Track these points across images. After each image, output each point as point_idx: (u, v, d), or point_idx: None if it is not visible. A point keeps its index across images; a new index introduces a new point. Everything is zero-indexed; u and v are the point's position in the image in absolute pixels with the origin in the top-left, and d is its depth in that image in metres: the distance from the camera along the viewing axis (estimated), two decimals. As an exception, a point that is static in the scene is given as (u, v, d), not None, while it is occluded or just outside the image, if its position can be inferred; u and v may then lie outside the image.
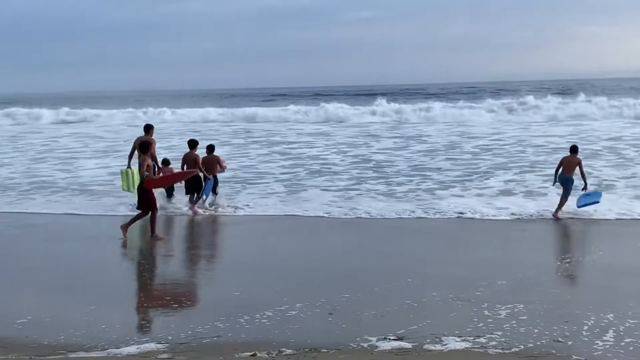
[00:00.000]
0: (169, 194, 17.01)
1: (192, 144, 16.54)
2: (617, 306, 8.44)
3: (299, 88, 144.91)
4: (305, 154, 27.02)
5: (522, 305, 8.51)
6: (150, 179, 13.12)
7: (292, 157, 26.26)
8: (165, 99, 78.47)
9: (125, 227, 13.16)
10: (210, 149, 16.99)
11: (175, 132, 36.97)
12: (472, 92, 78.94)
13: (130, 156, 16.44)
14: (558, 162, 15.80)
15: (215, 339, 7.50)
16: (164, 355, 6.94)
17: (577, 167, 15.20)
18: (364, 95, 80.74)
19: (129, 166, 16.44)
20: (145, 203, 13.03)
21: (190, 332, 7.67)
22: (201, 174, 16.27)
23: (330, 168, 23.04)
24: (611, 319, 7.97)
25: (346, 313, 8.36)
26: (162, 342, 7.36)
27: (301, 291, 9.34)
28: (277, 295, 9.12)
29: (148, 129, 16.01)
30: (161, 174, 15.49)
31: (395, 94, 78.80)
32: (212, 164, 16.67)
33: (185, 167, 16.24)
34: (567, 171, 15.31)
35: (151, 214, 13.05)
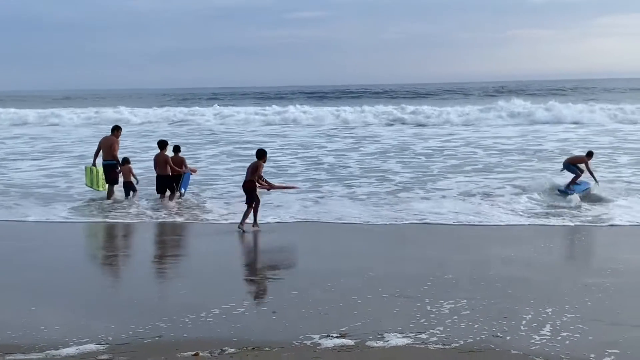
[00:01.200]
0: (127, 192, 17.22)
1: (162, 144, 16.92)
2: (555, 301, 8.59)
3: (249, 87, 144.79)
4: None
5: (464, 301, 8.61)
6: (260, 180, 14.30)
7: (245, 158, 25.99)
8: (116, 99, 78.11)
9: (242, 223, 13.86)
10: (176, 149, 17.24)
11: (128, 133, 36.55)
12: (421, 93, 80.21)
13: (96, 155, 17.41)
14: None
15: (157, 338, 7.42)
16: (104, 356, 6.85)
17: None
18: (316, 96, 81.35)
19: (93, 164, 17.40)
20: (251, 198, 14.08)
21: (131, 333, 7.57)
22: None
23: (286, 170, 23.00)
24: (549, 313, 8.12)
25: (290, 311, 8.36)
26: (102, 342, 7.25)
27: (247, 291, 9.33)
28: (222, 294, 9.07)
29: (115, 129, 17.26)
30: (120, 172, 16.93)
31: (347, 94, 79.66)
32: (179, 164, 16.94)
33: (156, 168, 16.70)
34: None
35: (255, 205, 14.11)
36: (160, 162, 16.64)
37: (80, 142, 33.39)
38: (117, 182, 17.37)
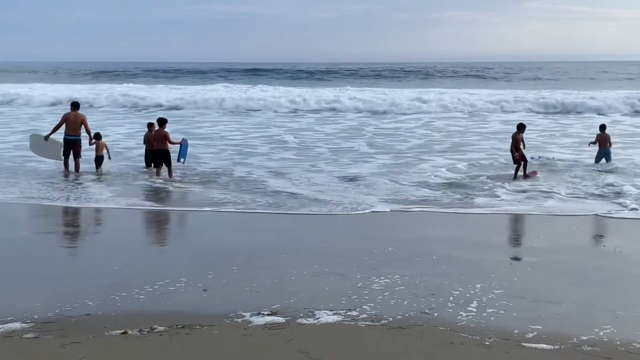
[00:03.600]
0: (98, 165, 18.43)
1: (162, 121, 18.07)
2: (482, 278, 8.75)
3: (180, 63, 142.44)
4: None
5: (395, 278, 8.70)
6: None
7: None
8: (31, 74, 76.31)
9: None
10: (161, 123, 18.11)
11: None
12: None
13: (56, 129, 18.45)
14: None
15: (85, 317, 7.27)
16: (29, 335, 6.66)
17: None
18: (248, 73, 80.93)
19: (48, 135, 18.63)
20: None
21: (57, 311, 7.37)
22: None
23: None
24: (477, 290, 8.28)
25: (222, 289, 8.30)
26: (28, 321, 7.05)
27: (181, 268, 9.22)
28: (156, 272, 8.97)
29: (76, 105, 18.64)
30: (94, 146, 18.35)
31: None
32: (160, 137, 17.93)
33: (154, 143, 17.84)
34: (602, 144, 19.58)
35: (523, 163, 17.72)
36: (160, 137, 17.76)
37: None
38: (79, 156, 18.24)
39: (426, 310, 7.57)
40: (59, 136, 18.70)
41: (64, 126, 18.38)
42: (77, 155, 18.25)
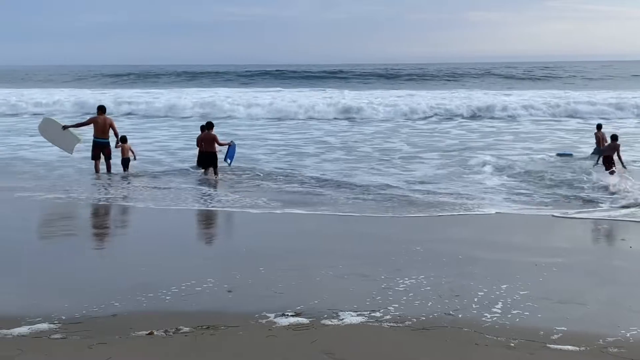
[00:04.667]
0: (125, 167, 18.80)
1: (210, 125, 18.78)
2: (507, 279, 8.68)
3: (192, 65, 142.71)
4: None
5: (419, 279, 8.65)
6: None
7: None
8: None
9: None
10: (209, 126, 18.78)
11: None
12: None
13: (78, 125, 19.38)
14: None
15: (111, 317, 7.33)
16: (57, 335, 6.72)
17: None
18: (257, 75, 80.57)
19: (68, 126, 19.23)
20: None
21: (84, 311, 7.43)
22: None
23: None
24: (501, 291, 8.21)
25: (246, 290, 8.30)
26: (55, 321, 7.11)
27: (207, 269, 9.26)
28: (182, 273, 8.99)
29: (103, 109, 19.05)
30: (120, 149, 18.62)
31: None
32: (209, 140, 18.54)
33: (203, 146, 18.48)
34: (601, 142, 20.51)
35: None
36: (208, 140, 18.33)
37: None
38: (110, 158, 18.71)
39: (450, 311, 7.52)
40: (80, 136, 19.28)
41: (92, 129, 18.83)
42: (108, 157, 18.78)
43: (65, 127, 19.17)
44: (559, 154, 21.89)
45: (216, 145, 18.50)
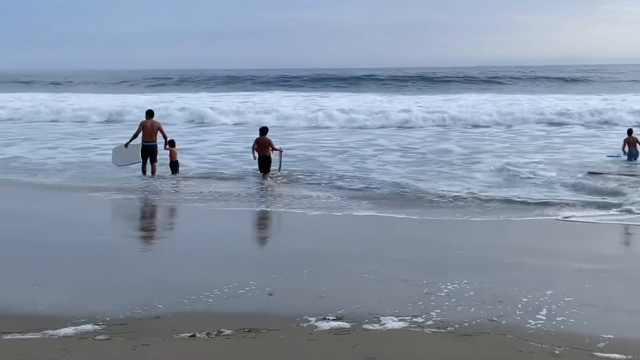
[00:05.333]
0: (174, 170, 19.39)
1: (265, 130, 19.31)
2: (552, 285, 8.52)
3: (256, 70, 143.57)
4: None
5: (461, 285, 8.55)
6: None
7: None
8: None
9: None
10: (264, 131, 19.29)
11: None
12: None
13: (134, 136, 19.40)
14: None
15: (154, 319, 7.39)
16: (101, 337, 6.80)
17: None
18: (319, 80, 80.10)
19: (128, 142, 19.51)
20: None
21: (128, 313, 7.50)
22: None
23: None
24: (546, 298, 8.06)
25: (289, 293, 8.31)
26: (100, 322, 7.19)
27: (249, 272, 9.31)
28: (225, 275, 9.05)
29: (151, 113, 19.56)
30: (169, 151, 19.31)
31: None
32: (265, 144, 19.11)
33: (259, 150, 18.91)
34: (631, 146, 21.30)
35: None
36: (264, 144, 18.84)
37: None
38: (155, 161, 19.26)
39: (494, 317, 7.41)
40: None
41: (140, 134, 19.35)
42: (154, 160, 19.27)
43: (127, 145, 19.60)
44: (608, 156, 21.89)
45: (270, 149, 18.88)
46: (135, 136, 19.44)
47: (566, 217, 13.23)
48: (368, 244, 11.39)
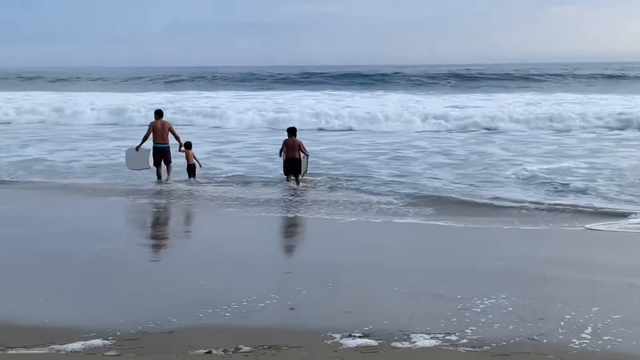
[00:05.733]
0: (191, 174, 19.29)
1: (294, 131, 19.07)
2: (598, 302, 8.38)
3: (280, 66, 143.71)
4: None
5: (497, 301, 8.44)
6: None
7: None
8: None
9: None
10: (292, 132, 19.11)
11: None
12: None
13: (145, 138, 19.22)
14: None
15: (168, 334, 7.37)
16: (111, 352, 6.80)
17: None
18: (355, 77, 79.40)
19: (139, 145, 19.31)
20: None
21: (140, 327, 7.50)
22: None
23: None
24: (591, 315, 7.92)
25: (310, 308, 8.26)
26: (110, 337, 7.20)
27: (269, 285, 9.29)
28: (243, 288, 9.01)
29: (160, 113, 19.48)
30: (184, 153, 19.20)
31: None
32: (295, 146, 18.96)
33: (287, 152, 18.74)
34: None
35: None
36: (294, 146, 18.68)
37: None
38: (170, 162, 19.21)
39: (534, 336, 7.30)
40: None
41: (151, 135, 19.31)
42: (168, 162, 19.20)
43: (138, 148, 19.50)
44: None
45: (299, 152, 18.86)
46: (145, 138, 19.34)
47: (618, 226, 13.06)
48: (400, 254, 11.33)
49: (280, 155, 18.97)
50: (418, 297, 8.72)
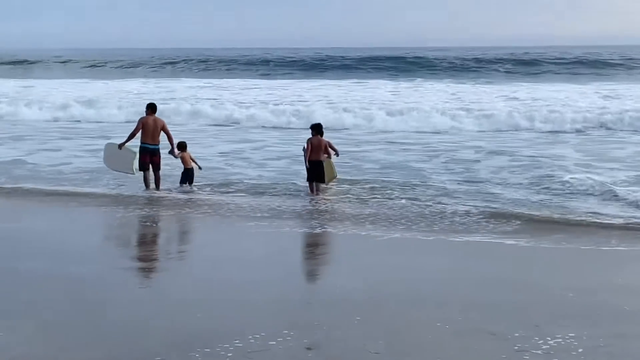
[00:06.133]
0: (187, 180, 19.15)
1: (319, 127, 19.00)
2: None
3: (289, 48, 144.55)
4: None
5: (564, 341, 8.24)
6: None
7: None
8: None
9: None
10: (317, 129, 19.01)
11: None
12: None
13: (132, 135, 19.04)
14: None
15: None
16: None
17: None
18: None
19: (123, 143, 19.10)
20: None
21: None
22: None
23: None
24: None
25: (331, 348, 8.15)
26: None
27: (277, 317, 9.16)
28: (250, 321, 8.91)
29: (153, 108, 19.11)
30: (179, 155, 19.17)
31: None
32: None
33: (310, 151, 18.63)
34: None
35: None
36: (320, 146, 18.61)
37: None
38: (159, 169, 19.07)
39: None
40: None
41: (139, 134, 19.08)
42: (157, 168, 19.06)
43: (121, 146, 19.32)
44: None
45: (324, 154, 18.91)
46: (132, 136, 19.14)
47: None
48: (446, 281, 11.17)
49: (304, 158, 18.75)
50: (465, 335, 8.57)
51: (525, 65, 74.32)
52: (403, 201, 17.16)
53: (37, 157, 24.46)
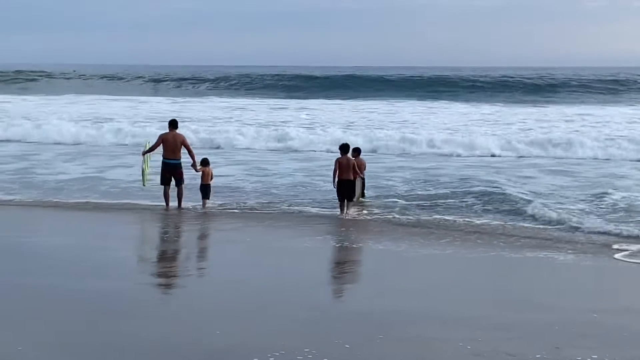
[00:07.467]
0: (205, 194, 19.30)
1: (346, 149, 19.33)
2: None
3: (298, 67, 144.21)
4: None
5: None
6: None
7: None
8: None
9: None
10: (346, 149, 19.40)
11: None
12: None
13: (152, 150, 19.59)
14: None
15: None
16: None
17: None
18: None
19: (147, 151, 19.58)
20: None
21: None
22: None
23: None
24: None
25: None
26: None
27: (298, 334, 9.13)
28: (269, 338, 8.89)
29: (175, 124, 19.53)
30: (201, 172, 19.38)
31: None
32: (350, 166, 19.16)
33: (342, 173, 18.97)
34: None
35: None
36: (348, 166, 18.92)
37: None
38: (182, 182, 19.23)
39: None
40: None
41: (160, 149, 19.32)
42: (179, 182, 19.26)
43: (144, 153, 19.80)
44: None
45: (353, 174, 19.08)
46: (152, 148, 19.63)
47: None
48: (471, 300, 11.10)
49: (333, 178, 19.01)
50: (486, 356, 8.47)
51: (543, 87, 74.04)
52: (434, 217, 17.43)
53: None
